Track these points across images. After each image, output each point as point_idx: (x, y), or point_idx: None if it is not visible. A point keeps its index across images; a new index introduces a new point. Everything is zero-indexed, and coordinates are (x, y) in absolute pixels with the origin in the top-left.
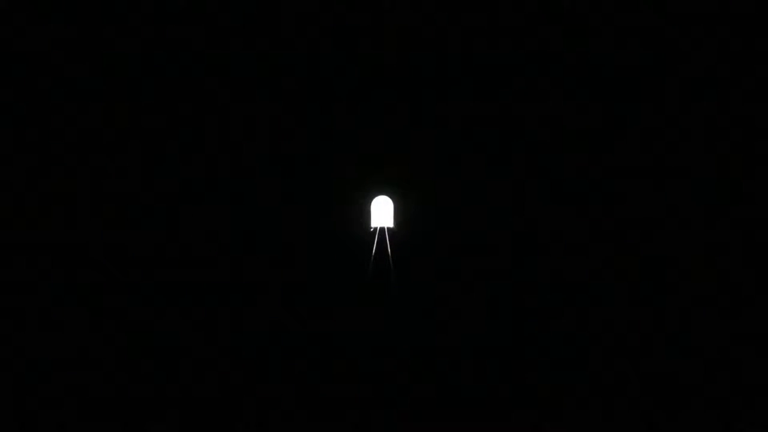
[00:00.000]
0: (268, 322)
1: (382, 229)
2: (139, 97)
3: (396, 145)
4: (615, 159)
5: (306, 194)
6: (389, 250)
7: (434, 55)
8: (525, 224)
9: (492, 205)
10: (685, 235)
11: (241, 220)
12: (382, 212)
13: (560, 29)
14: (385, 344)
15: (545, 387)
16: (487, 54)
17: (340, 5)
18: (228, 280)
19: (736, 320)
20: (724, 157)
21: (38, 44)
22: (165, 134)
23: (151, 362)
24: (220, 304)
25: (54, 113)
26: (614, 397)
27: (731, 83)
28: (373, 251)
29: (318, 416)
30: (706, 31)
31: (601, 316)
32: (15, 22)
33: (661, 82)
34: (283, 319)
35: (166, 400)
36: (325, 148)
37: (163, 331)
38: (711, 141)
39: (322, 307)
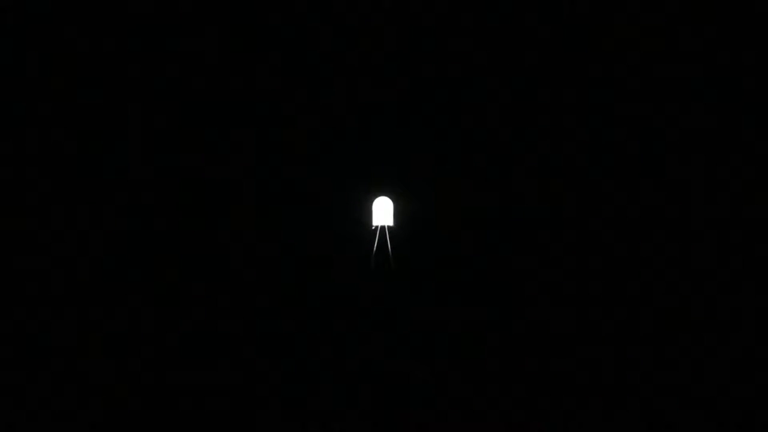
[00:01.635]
0: (268, 323)
1: (382, 228)
2: (142, 95)
3: (396, 145)
4: (619, 161)
5: (306, 194)
6: (390, 249)
7: (435, 55)
8: (525, 224)
9: (492, 204)
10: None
11: (240, 219)
12: (382, 212)
13: (560, 32)
14: (385, 343)
15: (545, 385)
16: (487, 54)
17: (340, 4)
18: (225, 279)
19: None
20: None
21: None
22: (164, 130)
23: (160, 361)
24: (218, 304)
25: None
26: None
27: None
28: (374, 250)
29: (319, 414)
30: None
31: (599, 315)
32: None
33: None
34: (283, 319)
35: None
36: (326, 149)
37: (162, 332)
38: None
39: (322, 306)
